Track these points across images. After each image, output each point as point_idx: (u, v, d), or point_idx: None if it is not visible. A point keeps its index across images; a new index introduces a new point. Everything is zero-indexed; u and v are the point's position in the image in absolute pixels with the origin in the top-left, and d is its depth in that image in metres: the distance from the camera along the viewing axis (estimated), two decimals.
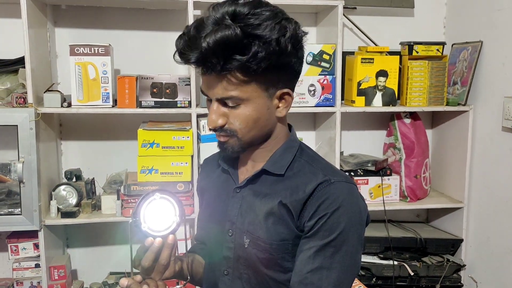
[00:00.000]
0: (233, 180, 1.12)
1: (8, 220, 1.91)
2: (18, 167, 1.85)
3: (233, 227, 1.07)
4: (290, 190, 1.03)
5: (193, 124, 2.02)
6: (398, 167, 2.30)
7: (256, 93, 0.98)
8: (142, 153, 1.99)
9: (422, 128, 2.34)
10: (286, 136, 1.10)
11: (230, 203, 1.10)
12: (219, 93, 0.97)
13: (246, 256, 1.05)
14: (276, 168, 1.06)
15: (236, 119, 0.99)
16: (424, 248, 2.21)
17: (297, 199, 1.01)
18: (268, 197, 1.05)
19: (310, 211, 0.99)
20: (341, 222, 0.97)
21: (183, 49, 0.95)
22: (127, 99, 1.97)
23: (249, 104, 0.98)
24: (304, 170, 1.06)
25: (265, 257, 1.02)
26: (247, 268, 1.06)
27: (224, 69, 0.93)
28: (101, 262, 2.32)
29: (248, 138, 1.02)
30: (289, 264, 1.02)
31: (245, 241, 1.05)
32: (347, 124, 2.41)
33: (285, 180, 1.06)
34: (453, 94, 2.27)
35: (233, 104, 0.98)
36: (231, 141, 1.02)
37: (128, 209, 1.99)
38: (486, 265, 2.17)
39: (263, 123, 1.02)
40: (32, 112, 1.87)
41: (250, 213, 1.06)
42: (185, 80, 1.99)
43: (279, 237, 1.02)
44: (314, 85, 2.10)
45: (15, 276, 2.02)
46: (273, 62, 0.94)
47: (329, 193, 0.99)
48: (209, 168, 1.24)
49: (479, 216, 2.21)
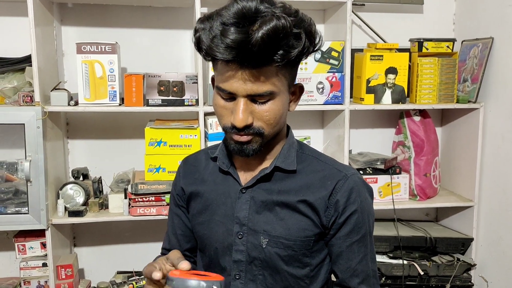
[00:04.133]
0: (235, 181, 1.08)
1: (15, 219, 1.91)
2: (25, 166, 1.84)
3: (243, 229, 1.05)
4: (308, 186, 1.04)
5: (200, 122, 2.01)
6: (408, 165, 2.27)
7: (283, 87, 0.97)
8: (149, 151, 1.98)
9: (431, 126, 2.31)
10: (286, 133, 1.10)
11: (236, 205, 1.06)
12: (253, 89, 0.92)
13: (263, 256, 1.03)
14: (287, 165, 1.06)
15: (264, 115, 0.96)
16: (434, 247, 2.19)
17: (320, 197, 1.03)
18: (283, 194, 1.04)
19: (338, 209, 1.03)
20: (366, 213, 1.05)
21: (229, 41, 0.87)
22: (134, 97, 1.95)
23: (276, 99, 0.96)
24: (314, 165, 1.07)
25: (287, 254, 1.03)
26: (264, 268, 1.04)
27: (269, 62, 0.90)
28: (109, 261, 2.32)
29: (270, 135, 1.00)
30: (308, 260, 1.05)
31: (262, 242, 1.03)
32: (356, 122, 2.39)
33: (297, 176, 1.06)
34: (463, 92, 2.24)
35: (264, 100, 0.95)
36: (254, 140, 0.98)
37: (136, 208, 1.98)
38: (497, 265, 2.14)
39: (284, 118, 1.02)
40: (39, 111, 1.86)
41: (265, 212, 1.04)
42: (192, 78, 1.97)
43: (303, 233, 1.03)
44: (323, 83, 2.08)
45: (22, 275, 2.02)
46: (305, 55, 0.95)
47: (350, 188, 1.04)
48: (195, 169, 1.17)
49: (490, 215, 2.18)
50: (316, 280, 1.08)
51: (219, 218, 1.08)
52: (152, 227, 2.29)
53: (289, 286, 1.06)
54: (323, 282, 1.10)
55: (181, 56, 2.26)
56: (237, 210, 1.06)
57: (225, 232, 1.07)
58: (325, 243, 1.08)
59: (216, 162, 1.12)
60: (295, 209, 1.03)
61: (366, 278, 1.06)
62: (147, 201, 1.99)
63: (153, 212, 2.00)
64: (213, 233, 1.08)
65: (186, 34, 2.24)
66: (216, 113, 1.01)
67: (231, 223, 1.06)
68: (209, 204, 1.11)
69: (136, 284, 1.91)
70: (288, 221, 1.03)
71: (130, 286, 1.90)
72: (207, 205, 1.11)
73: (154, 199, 1.99)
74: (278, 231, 1.03)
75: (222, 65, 0.93)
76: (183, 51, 2.26)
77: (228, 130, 0.98)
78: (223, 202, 1.08)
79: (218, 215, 1.08)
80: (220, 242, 1.07)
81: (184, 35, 2.24)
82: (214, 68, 0.99)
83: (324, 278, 1.09)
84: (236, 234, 1.05)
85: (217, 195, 1.10)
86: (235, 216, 1.06)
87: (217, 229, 1.08)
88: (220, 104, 0.98)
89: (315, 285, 1.08)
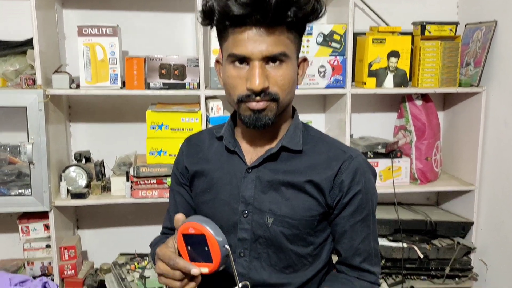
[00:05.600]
0: (240, 160, 1.09)
1: (19, 201, 1.93)
2: (28, 148, 1.86)
3: (249, 208, 1.06)
4: (314, 167, 1.05)
5: (201, 106, 2.01)
6: (409, 149, 2.28)
7: (294, 54, 1.01)
8: (151, 135, 1.98)
9: (433, 110, 2.31)
10: (292, 115, 1.12)
11: (242, 184, 1.07)
12: (268, 49, 0.95)
13: (268, 235, 1.05)
14: (293, 145, 1.07)
15: (278, 79, 0.98)
16: (434, 230, 2.20)
17: (325, 177, 1.05)
18: (289, 174, 1.05)
19: (342, 189, 1.04)
20: (370, 193, 1.07)
21: None
22: (135, 80, 1.95)
23: (289, 63, 0.99)
24: (320, 146, 1.09)
25: (291, 233, 1.05)
26: (268, 247, 1.06)
27: (283, 19, 0.93)
28: (111, 243, 2.34)
29: (284, 103, 1.02)
30: (312, 238, 1.07)
31: (267, 221, 1.05)
32: (357, 106, 2.39)
33: (303, 157, 1.07)
34: (466, 75, 2.23)
35: (278, 63, 0.97)
36: (270, 106, 0.99)
37: (138, 191, 2.00)
38: (497, 248, 2.15)
39: (294, 88, 1.04)
40: (41, 94, 1.86)
41: (270, 192, 1.06)
42: (194, 61, 1.97)
43: (308, 213, 1.05)
44: (324, 66, 2.08)
45: (26, 256, 2.04)
46: (313, 16, 0.98)
47: (354, 169, 1.05)
48: (199, 149, 1.17)
49: (491, 199, 2.18)
50: (319, 259, 1.10)
51: (224, 197, 1.09)
52: (154, 210, 2.30)
53: (292, 264, 1.08)
54: (325, 260, 1.12)
55: (183, 39, 2.25)
56: (242, 190, 1.07)
57: (230, 211, 1.08)
58: (328, 223, 1.10)
59: (220, 142, 1.13)
60: (301, 189, 1.05)
61: (368, 257, 1.09)
62: (149, 184, 2.00)
63: (155, 195, 2.01)
64: (218, 212, 1.09)
65: (187, 17, 2.22)
66: (228, 86, 1.01)
67: (237, 202, 1.07)
68: (214, 183, 1.11)
69: (138, 265, 1.93)
70: (293, 201, 1.05)
71: (132, 266, 1.92)
72: (212, 184, 1.12)
73: (156, 182, 2.00)
74: (284, 211, 1.04)
75: (235, 30, 0.95)
76: (184, 34, 2.25)
77: (243, 99, 0.99)
78: (229, 181, 1.09)
79: (223, 194, 1.09)
80: (225, 220, 1.08)
81: (186, 17, 2.23)
82: (224, 39, 1.00)
83: (326, 257, 1.12)
84: (242, 213, 1.07)
85: (222, 174, 1.10)
86: (240, 196, 1.07)
87: (222, 208, 1.09)
88: (232, 75, 0.99)
89: (318, 263, 1.10)
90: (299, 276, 1.09)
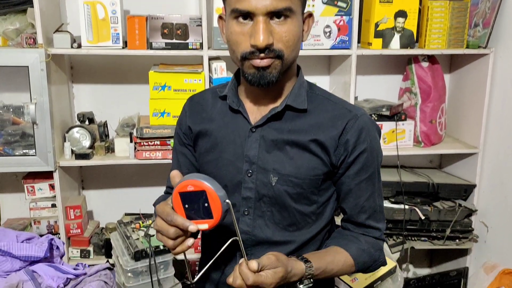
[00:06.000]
0: (244, 120, 1.08)
1: (23, 161, 1.94)
2: (31, 108, 1.85)
3: (253, 167, 1.06)
4: (319, 126, 1.05)
5: (205, 67, 1.99)
6: (413, 112, 2.26)
7: (299, 8, 0.98)
8: (154, 95, 1.97)
9: (440, 72, 2.28)
10: (296, 73, 1.10)
11: (246, 144, 1.07)
12: (273, 3, 0.93)
13: (272, 194, 1.06)
14: (298, 103, 1.06)
15: (283, 36, 0.96)
16: (436, 193, 2.21)
17: (330, 136, 1.04)
18: (294, 133, 1.05)
19: (348, 148, 1.04)
20: (375, 152, 1.07)
21: None
22: (137, 40, 1.93)
23: (294, 19, 0.97)
24: (325, 105, 1.08)
25: (295, 192, 1.06)
26: (272, 205, 1.07)
27: None
28: (116, 204, 2.37)
29: (289, 61, 1.00)
30: (316, 197, 1.08)
31: (272, 180, 1.05)
32: (363, 68, 2.35)
33: (308, 116, 1.06)
34: (474, 37, 2.19)
35: (283, 18, 0.95)
36: (274, 63, 0.97)
37: (141, 152, 2.00)
38: (498, 210, 2.16)
39: (299, 45, 1.02)
40: (42, 53, 1.84)
41: (275, 151, 1.05)
42: (196, 21, 1.93)
43: (312, 172, 1.05)
44: (330, 26, 2.04)
45: (32, 216, 2.08)
46: None
47: (360, 128, 1.05)
48: (202, 108, 1.16)
49: (494, 162, 2.18)
50: (322, 217, 1.12)
51: (228, 156, 1.09)
52: (158, 171, 2.32)
53: (296, 222, 1.09)
54: (328, 219, 1.13)
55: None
56: (246, 149, 1.06)
57: (234, 170, 1.08)
58: (333, 182, 1.10)
59: (224, 101, 1.11)
60: (306, 148, 1.04)
61: (373, 214, 1.11)
62: (153, 145, 2.00)
63: (158, 156, 2.02)
64: (222, 171, 1.09)
65: None
66: (232, 43, 0.99)
67: (241, 162, 1.07)
68: (217, 143, 1.11)
69: (143, 223, 1.96)
70: (298, 160, 1.05)
71: (137, 225, 1.95)
72: (216, 143, 1.11)
73: (159, 143, 2.00)
74: (288, 170, 1.04)
75: None
76: None
77: (247, 56, 0.97)
78: (232, 140, 1.08)
79: (227, 153, 1.09)
80: (229, 180, 1.08)
81: None
82: None
83: (329, 215, 1.13)
84: (246, 172, 1.07)
85: (226, 134, 1.10)
86: (244, 155, 1.07)
87: (226, 167, 1.09)
88: (236, 31, 0.97)
89: (321, 221, 1.12)
90: (303, 234, 1.10)
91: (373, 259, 1.11)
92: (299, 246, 1.10)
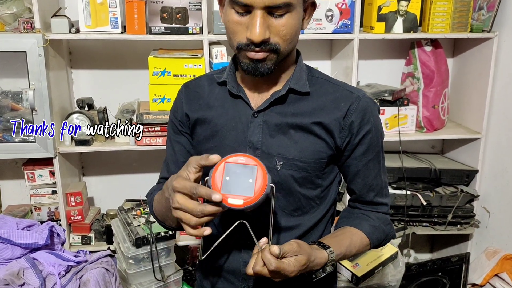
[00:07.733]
0: (245, 105, 1.06)
1: (23, 148, 1.93)
2: (29, 94, 1.83)
3: (257, 152, 1.04)
4: (322, 108, 1.04)
5: (205, 51, 1.96)
6: (416, 97, 2.24)
7: (298, 0, 0.95)
8: (154, 81, 1.95)
9: (443, 56, 2.25)
10: (296, 57, 1.08)
11: (248, 129, 1.05)
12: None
13: (277, 179, 1.04)
14: (301, 86, 1.05)
15: (280, 29, 0.93)
16: (438, 178, 2.20)
17: (334, 118, 1.04)
18: (297, 116, 1.04)
19: (352, 130, 1.04)
20: (378, 130, 1.08)
21: None
22: (136, 24, 1.90)
23: (293, 12, 0.94)
24: (326, 87, 1.07)
25: (301, 176, 1.05)
26: (277, 190, 1.04)
27: None
28: (117, 190, 2.37)
29: (285, 53, 0.98)
30: (320, 181, 1.08)
31: (276, 165, 1.04)
32: (365, 53, 2.33)
33: (310, 99, 1.05)
34: (478, 20, 2.15)
35: (282, 12, 0.92)
36: (269, 58, 0.95)
37: (142, 138, 1.99)
38: (500, 196, 2.16)
39: (298, 35, 1.00)
40: (40, 38, 1.82)
41: (279, 135, 1.04)
42: (196, 5, 1.90)
43: (317, 155, 1.05)
44: (332, 10, 2.00)
45: (33, 202, 2.07)
46: None
47: (363, 109, 1.04)
48: (198, 95, 1.13)
49: (496, 147, 2.17)
50: (325, 201, 1.12)
51: (230, 143, 1.06)
52: (158, 157, 2.31)
53: (301, 207, 1.09)
54: (331, 202, 1.14)
55: None
56: (249, 135, 1.05)
57: None
58: (339, 165, 1.11)
59: (222, 87, 1.09)
60: (310, 131, 1.03)
61: (380, 191, 1.13)
62: (153, 131, 1.99)
63: (158, 142, 2.01)
64: None
65: None
66: (228, 30, 0.97)
67: (244, 148, 1.05)
68: (218, 130, 1.08)
69: (144, 210, 1.95)
70: (302, 144, 1.04)
71: (138, 212, 1.94)
72: (216, 130, 1.08)
73: (159, 129, 1.99)
74: (293, 154, 1.03)
75: None
76: None
77: (242, 47, 0.95)
78: (234, 127, 1.06)
79: (229, 140, 1.07)
80: None
81: None
82: None
83: (332, 199, 1.14)
84: None
85: (226, 120, 1.07)
86: (248, 141, 1.05)
87: (228, 155, 1.07)
88: (233, 20, 0.94)
89: (324, 205, 1.12)
90: (307, 218, 1.10)
91: (385, 234, 1.14)
92: (305, 231, 1.10)
